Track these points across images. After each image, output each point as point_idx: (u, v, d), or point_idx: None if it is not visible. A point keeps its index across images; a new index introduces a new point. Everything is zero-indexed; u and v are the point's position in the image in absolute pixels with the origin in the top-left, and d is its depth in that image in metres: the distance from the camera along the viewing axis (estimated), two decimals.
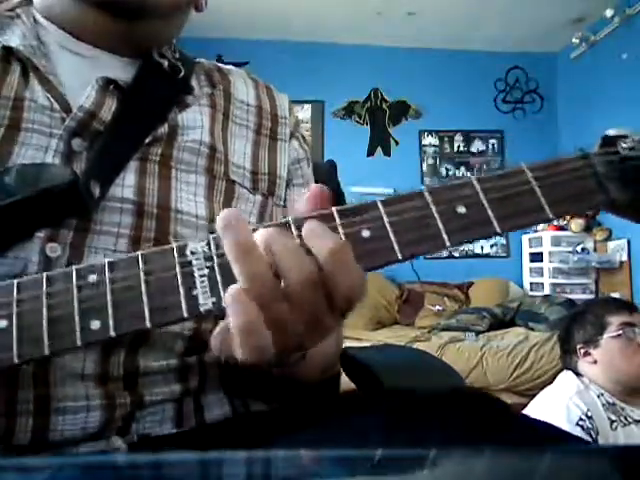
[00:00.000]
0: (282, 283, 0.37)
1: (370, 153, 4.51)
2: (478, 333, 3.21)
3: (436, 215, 0.40)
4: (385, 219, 0.40)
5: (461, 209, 0.40)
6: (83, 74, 0.59)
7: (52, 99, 0.56)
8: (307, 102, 4.36)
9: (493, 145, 4.61)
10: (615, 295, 3.40)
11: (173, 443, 0.54)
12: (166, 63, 0.65)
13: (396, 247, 0.39)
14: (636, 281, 3.72)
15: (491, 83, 4.61)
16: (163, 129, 0.60)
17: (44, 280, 0.39)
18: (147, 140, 0.58)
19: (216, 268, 0.39)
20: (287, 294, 0.37)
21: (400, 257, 0.39)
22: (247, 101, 0.71)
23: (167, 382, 0.56)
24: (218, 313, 0.38)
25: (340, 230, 0.39)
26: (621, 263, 3.78)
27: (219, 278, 0.38)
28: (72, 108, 0.56)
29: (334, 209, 0.40)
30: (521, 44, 4.46)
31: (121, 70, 0.62)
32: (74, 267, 0.39)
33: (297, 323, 0.38)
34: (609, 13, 3.16)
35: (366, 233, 0.39)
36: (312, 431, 0.46)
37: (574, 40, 3.45)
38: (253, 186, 0.66)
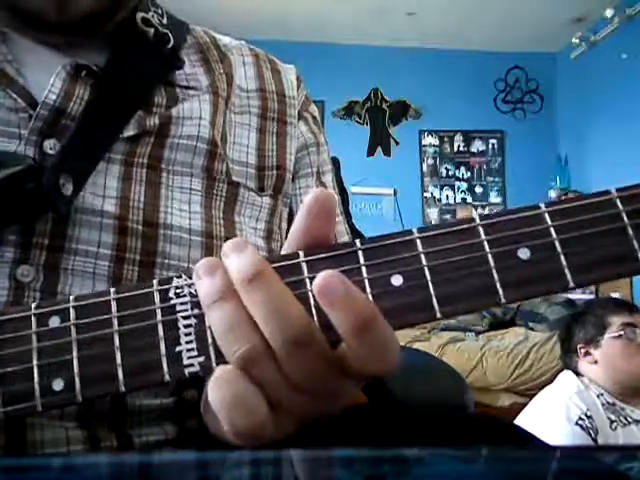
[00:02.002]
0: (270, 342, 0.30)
1: (370, 153, 4.51)
2: (478, 333, 3.21)
3: (491, 261, 0.31)
4: (424, 262, 0.31)
5: (524, 253, 0.31)
6: (52, 61, 0.50)
7: (14, 95, 0.47)
8: None
9: (493, 145, 4.61)
10: (615, 295, 3.39)
11: None
12: (152, 31, 0.55)
13: (434, 302, 0.31)
14: (636, 281, 3.71)
15: (491, 83, 4.61)
16: (153, 121, 0.52)
17: None
18: (132, 132, 0.50)
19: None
20: (274, 356, 0.30)
21: (439, 315, 0.30)
22: (247, 87, 0.61)
23: (160, 422, 0.49)
24: (206, 376, 0.31)
25: (364, 274, 0.31)
26: None
27: (208, 331, 0.31)
28: (39, 104, 0.48)
29: (358, 244, 0.32)
30: (521, 44, 4.45)
31: (96, 53, 0.53)
32: (32, 307, 0.32)
33: (292, 393, 0.31)
34: (609, 13, 3.16)
35: (397, 280, 0.31)
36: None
37: (574, 40, 3.44)
38: (259, 185, 0.57)
